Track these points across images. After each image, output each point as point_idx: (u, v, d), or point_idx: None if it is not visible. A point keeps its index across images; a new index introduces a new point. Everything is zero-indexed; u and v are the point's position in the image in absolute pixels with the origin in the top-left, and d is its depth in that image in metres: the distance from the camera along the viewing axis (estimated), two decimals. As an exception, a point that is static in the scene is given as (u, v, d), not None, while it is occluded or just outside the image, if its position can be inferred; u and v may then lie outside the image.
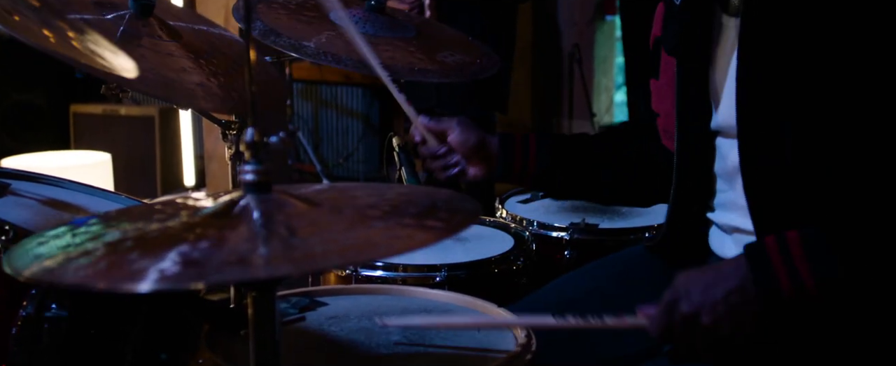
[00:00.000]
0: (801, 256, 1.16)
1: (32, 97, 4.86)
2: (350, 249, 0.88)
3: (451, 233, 0.91)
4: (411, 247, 0.90)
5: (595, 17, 5.30)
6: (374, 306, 1.48)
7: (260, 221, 0.89)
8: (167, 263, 0.79)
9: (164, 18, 1.64)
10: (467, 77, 1.71)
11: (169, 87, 1.45)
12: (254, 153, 0.94)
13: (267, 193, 0.94)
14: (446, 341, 1.33)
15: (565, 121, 5.12)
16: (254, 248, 0.84)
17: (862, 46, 1.17)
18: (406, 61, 1.64)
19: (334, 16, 1.54)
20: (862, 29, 1.17)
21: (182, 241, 0.85)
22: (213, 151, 4.02)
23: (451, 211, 0.98)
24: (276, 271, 0.81)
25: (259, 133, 0.94)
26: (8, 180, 1.63)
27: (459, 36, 1.96)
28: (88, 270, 0.78)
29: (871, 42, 1.17)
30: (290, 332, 1.37)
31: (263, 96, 1.63)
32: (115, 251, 0.82)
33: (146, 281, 0.76)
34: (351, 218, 0.94)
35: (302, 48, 1.58)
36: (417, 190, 1.12)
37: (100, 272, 0.78)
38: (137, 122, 4.67)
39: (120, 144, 4.50)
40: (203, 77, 1.52)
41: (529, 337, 1.31)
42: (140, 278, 0.76)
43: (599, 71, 5.38)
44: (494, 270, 1.81)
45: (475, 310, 1.46)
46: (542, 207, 2.20)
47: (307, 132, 5.59)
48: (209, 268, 0.80)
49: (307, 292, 1.52)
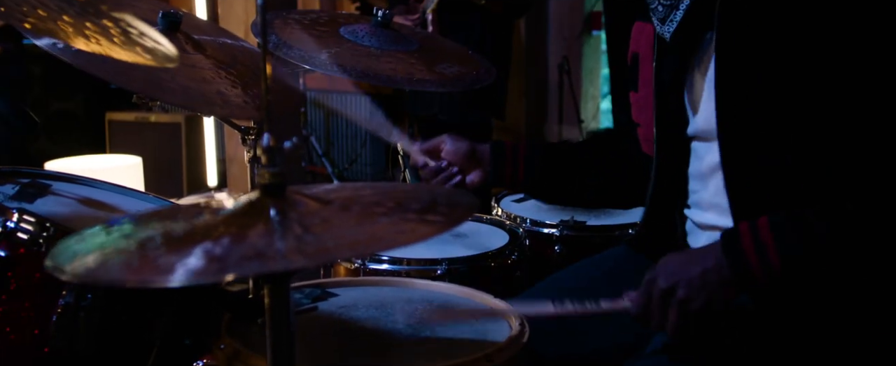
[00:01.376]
0: (769, 237, 1.16)
1: (71, 106, 4.87)
2: (358, 243, 0.87)
3: (450, 226, 0.91)
4: (414, 240, 0.89)
5: (583, 32, 5.30)
6: (380, 296, 1.48)
7: (276, 219, 0.88)
8: (192, 259, 0.78)
9: (190, 33, 1.64)
10: (463, 87, 1.71)
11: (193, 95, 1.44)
12: (270, 157, 0.94)
13: (282, 194, 0.94)
14: (446, 330, 1.33)
15: (555, 127, 5.12)
16: (271, 243, 0.83)
17: (833, 52, 1.16)
18: (406, 72, 1.63)
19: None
20: (832, 36, 1.16)
21: (205, 238, 0.84)
22: (234, 154, 4.02)
23: (451, 206, 0.98)
24: (291, 264, 0.80)
25: (274, 139, 0.94)
26: (49, 182, 1.63)
27: (459, 49, 1.96)
28: (122, 268, 0.78)
29: (840, 48, 1.15)
30: (303, 320, 1.36)
31: (279, 104, 1.62)
32: (145, 249, 0.82)
33: (174, 276, 0.75)
34: (358, 214, 0.94)
35: (311, 59, 1.57)
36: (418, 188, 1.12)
37: (132, 269, 0.78)
38: (166, 128, 4.67)
39: (150, 148, 4.50)
40: (225, 86, 1.51)
41: (523, 326, 1.31)
42: (168, 273, 0.76)
43: (587, 81, 5.37)
44: (491, 263, 1.80)
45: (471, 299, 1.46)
46: (535, 205, 2.20)
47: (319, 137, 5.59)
48: (230, 262, 0.79)
49: (319, 283, 1.51)
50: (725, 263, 1.18)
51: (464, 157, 1.57)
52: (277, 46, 1.63)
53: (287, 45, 1.60)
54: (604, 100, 5.46)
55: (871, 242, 1.16)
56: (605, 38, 4.95)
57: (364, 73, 1.57)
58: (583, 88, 5.30)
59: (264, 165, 0.94)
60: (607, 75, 5.24)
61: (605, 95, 5.45)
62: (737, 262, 1.17)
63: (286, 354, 0.95)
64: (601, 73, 5.47)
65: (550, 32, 5.37)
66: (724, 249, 1.19)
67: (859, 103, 1.16)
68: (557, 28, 5.34)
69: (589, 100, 5.41)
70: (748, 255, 1.17)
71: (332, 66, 1.55)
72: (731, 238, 1.19)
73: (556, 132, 5.09)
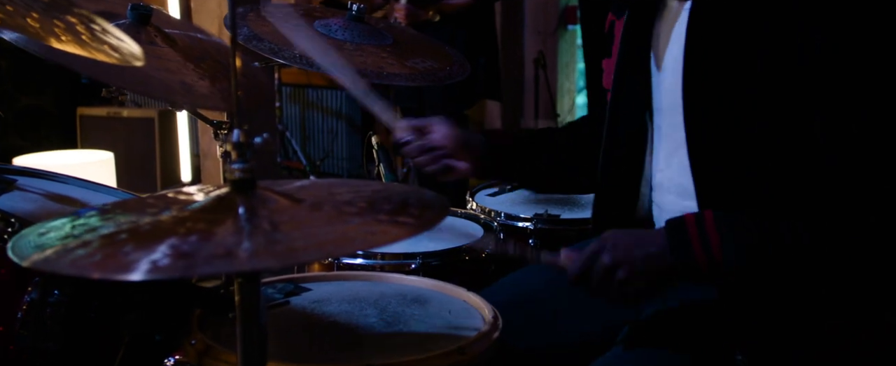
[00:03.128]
0: (713, 231, 1.18)
1: (41, 101, 4.81)
2: (328, 243, 0.87)
3: (421, 229, 0.91)
4: (385, 242, 0.89)
5: (558, 27, 5.32)
6: (354, 291, 1.48)
7: (245, 217, 0.88)
8: (158, 254, 0.78)
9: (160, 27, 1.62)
10: (436, 82, 1.71)
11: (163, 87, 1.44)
12: (240, 153, 0.93)
13: (252, 190, 0.93)
14: (419, 324, 1.33)
15: (531, 121, 5.14)
16: (239, 242, 0.83)
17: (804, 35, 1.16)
18: (376, 66, 1.63)
19: (300, 43, 1.51)
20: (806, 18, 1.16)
21: (173, 234, 0.83)
22: (207, 149, 3.99)
23: (422, 207, 0.98)
24: (260, 264, 0.80)
25: (245, 134, 0.93)
26: (14, 176, 1.61)
27: (436, 45, 1.96)
28: (85, 261, 0.76)
29: (812, 31, 1.16)
30: (276, 315, 1.36)
31: (251, 98, 1.61)
32: (111, 243, 0.81)
33: (138, 271, 0.74)
34: (329, 214, 0.93)
35: (280, 52, 1.57)
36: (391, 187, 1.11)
37: (96, 263, 0.77)
38: (138, 123, 4.63)
39: (122, 143, 4.46)
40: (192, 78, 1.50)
41: (495, 320, 1.31)
42: (133, 268, 0.75)
43: (562, 75, 5.40)
44: (465, 257, 1.81)
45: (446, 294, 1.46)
46: (509, 199, 2.21)
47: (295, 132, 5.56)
48: (198, 260, 0.79)
49: (292, 278, 1.51)
50: (669, 251, 1.20)
51: (454, 142, 1.50)
52: (249, 40, 1.62)
53: (258, 39, 1.59)
54: (579, 94, 5.49)
55: (813, 244, 1.17)
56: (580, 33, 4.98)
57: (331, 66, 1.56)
58: (558, 83, 5.32)
59: (234, 160, 0.93)
60: (583, 70, 5.27)
61: (580, 89, 5.47)
62: (681, 251, 1.19)
63: (257, 349, 0.95)
64: (577, 67, 5.50)
65: (526, 28, 5.39)
66: (668, 237, 1.21)
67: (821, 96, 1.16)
68: (533, 23, 5.36)
69: (565, 94, 5.43)
70: (693, 245, 1.19)
71: (301, 59, 1.54)
72: (676, 227, 1.21)
73: (532, 126, 5.11)
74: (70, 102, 4.77)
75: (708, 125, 1.25)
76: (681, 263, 1.20)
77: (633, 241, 1.23)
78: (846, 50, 1.14)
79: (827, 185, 1.17)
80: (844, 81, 1.15)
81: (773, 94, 1.19)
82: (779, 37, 1.18)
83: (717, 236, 1.18)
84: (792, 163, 1.20)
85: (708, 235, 1.19)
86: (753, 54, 1.20)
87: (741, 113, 1.22)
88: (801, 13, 1.16)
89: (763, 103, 1.20)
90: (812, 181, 1.19)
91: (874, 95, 1.15)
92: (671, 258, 1.20)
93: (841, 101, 1.15)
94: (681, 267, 1.20)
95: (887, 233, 1.16)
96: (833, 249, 1.17)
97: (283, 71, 5.07)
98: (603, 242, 1.24)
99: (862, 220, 1.16)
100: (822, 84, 1.16)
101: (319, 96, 5.53)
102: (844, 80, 1.15)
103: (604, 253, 1.22)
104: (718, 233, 1.19)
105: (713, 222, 1.20)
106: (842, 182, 1.16)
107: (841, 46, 1.14)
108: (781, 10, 1.18)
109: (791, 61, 1.17)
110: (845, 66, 1.14)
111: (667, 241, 1.21)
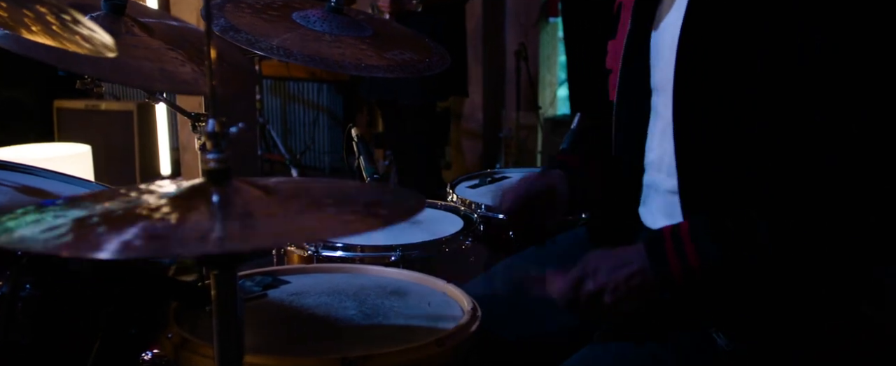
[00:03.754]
0: (689, 243, 1.19)
1: (17, 93, 4.75)
2: (303, 230, 0.86)
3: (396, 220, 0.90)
4: (361, 229, 0.89)
5: (539, 19, 5.32)
6: (333, 283, 1.47)
7: (219, 204, 0.87)
8: (130, 235, 0.77)
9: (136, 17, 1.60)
10: (415, 73, 1.70)
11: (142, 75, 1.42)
12: (215, 143, 0.92)
13: (227, 181, 0.92)
14: (398, 316, 1.33)
15: (513, 113, 5.13)
16: (212, 226, 0.82)
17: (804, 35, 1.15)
18: (355, 57, 1.62)
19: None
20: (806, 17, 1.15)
21: (146, 219, 0.82)
22: (187, 142, 3.96)
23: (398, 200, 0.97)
24: (233, 247, 0.79)
25: (219, 124, 0.92)
26: (-13, 170, 1.58)
27: (416, 36, 1.95)
28: (55, 241, 0.75)
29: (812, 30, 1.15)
30: (254, 307, 1.35)
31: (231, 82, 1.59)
32: (82, 226, 0.80)
33: (108, 250, 0.73)
34: (304, 204, 0.92)
35: (257, 43, 1.55)
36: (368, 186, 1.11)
37: (65, 243, 0.75)
38: (117, 116, 4.58)
39: (101, 136, 4.41)
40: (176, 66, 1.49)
41: (475, 311, 1.31)
42: (103, 247, 0.74)
43: (544, 68, 5.40)
44: (445, 249, 1.80)
45: (426, 286, 1.46)
46: (489, 191, 2.20)
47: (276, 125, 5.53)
48: (170, 242, 0.78)
49: (270, 271, 1.50)
50: (649, 267, 1.21)
51: (523, 208, 1.49)
52: (225, 30, 1.60)
53: (235, 29, 1.57)
54: (561, 86, 5.50)
55: (788, 254, 1.17)
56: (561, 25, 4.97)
57: (310, 58, 1.54)
58: (540, 75, 5.32)
59: (208, 150, 0.92)
60: (564, 62, 5.27)
61: (562, 81, 5.48)
62: (659, 266, 1.20)
63: (234, 341, 0.94)
64: (558, 59, 5.50)
65: (507, 19, 5.38)
66: (648, 253, 1.22)
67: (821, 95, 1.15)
68: (514, 15, 5.35)
69: (546, 86, 5.43)
70: (670, 259, 1.20)
71: (279, 50, 1.52)
72: (655, 242, 1.22)
73: (513, 119, 5.11)
74: (47, 95, 4.71)
75: (694, 106, 1.25)
76: (661, 278, 1.20)
77: (614, 262, 1.23)
78: (846, 49, 1.13)
79: (820, 182, 1.16)
80: (844, 81, 1.14)
81: (765, 86, 1.18)
82: (777, 32, 1.16)
83: (692, 246, 1.19)
84: (779, 157, 1.19)
85: (684, 246, 1.19)
86: (748, 42, 1.19)
87: (730, 98, 1.21)
88: (800, 11, 1.15)
89: (753, 93, 1.19)
90: (801, 177, 1.18)
91: (874, 95, 1.14)
92: (651, 274, 1.21)
93: (841, 100, 1.14)
94: (660, 281, 1.21)
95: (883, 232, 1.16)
96: (822, 248, 1.17)
97: (263, 63, 5.04)
98: (585, 267, 1.25)
99: (861, 219, 1.15)
100: (821, 83, 1.15)
101: (300, 89, 5.51)
102: (844, 80, 1.14)
103: (588, 280, 1.23)
104: (694, 243, 1.19)
105: (688, 232, 1.20)
106: (841, 182, 1.15)
107: (841, 46, 1.13)
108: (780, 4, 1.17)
109: (789, 56, 1.16)
110: (845, 65, 1.13)
111: (646, 256, 1.22)
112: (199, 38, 1.68)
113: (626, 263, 1.22)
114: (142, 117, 4.53)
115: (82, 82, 1.66)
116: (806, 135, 1.16)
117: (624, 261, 1.23)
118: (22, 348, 1.19)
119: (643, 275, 1.21)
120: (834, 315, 1.26)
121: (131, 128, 4.53)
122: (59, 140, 4.50)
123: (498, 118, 5.32)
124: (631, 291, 1.21)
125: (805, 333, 1.25)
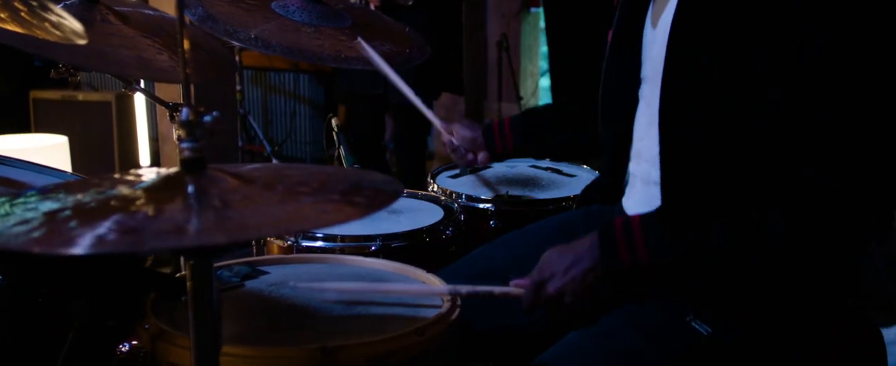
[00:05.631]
0: (639, 236, 1.20)
1: (-9, 84, 4.69)
2: (281, 221, 0.85)
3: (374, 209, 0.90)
4: (340, 220, 0.88)
5: (521, 9, 5.31)
6: (312, 273, 1.46)
7: (194, 194, 0.86)
8: (104, 230, 0.76)
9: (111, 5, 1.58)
10: (393, 65, 1.69)
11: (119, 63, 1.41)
12: (189, 131, 0.91)
13: (202, 170, 0.91)
14: (378, 307, 1.32)
15: (495, 104, 5.13)
16: (188, 218, 0.81)
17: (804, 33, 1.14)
18: (334, 49, 1.61)
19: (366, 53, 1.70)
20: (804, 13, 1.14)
21: (120, 211, 0.81)
22: (166, 133, 3.92)
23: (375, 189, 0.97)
24: (210, 240, 0.78)
25: (194, 112, 0.91)
26: (-45, 159, 1.56)
27: (397, 27, 1.93)
28: (25, 237, 0.74)
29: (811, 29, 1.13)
30: (231, 298, 1.34)
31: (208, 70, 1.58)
32: (53, 220, 0.78)
33: (81, 246, 0.72)
34: (282, 193, 0.92)
35: (235, 34, 1.53)
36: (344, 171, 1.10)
37: (37, 239, 0.74)
38: (95, 106, 4.53)
39: (78, 127, 4.36)
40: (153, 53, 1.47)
41: (454, 301, 1.31)
42: (76, 243, 0.73)
43: (526, 58, 5.40)
44: (426, 239, 1.80)
45: (405, 276, 1.46)
46: (470, 181, 2.20)
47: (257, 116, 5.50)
48: (146, 235, 0.77)
49: (248, 261, 1.49)
50: (599, 263, 1.23)
51: (470, 143, 1.83)
52: (203, 20, 1.58)
53: (213, 19, 1.56)
54: (543, 77, 5.50)
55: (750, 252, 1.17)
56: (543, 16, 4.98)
57: (288, 49, 1.53)
58: (521, 66, 5.32)
59: (183, 139, 0.91)
60: (546, 52, 5.27)
61: (543, 72, 5.48)
62: (610, 260, 1.22)
63: (210, 332, 0.93)
64: (540, 50, 5.50)
65: (489, 10, 5.37)
66: (600, 247, 1.23)
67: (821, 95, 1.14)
68: (496, 6, 5.35)
69: (528, 77, 5.44)
70: (621, 252, 1.21)
71: (257, 41, 1.51)
72: (606, 235, 1.23)
73: (495, 109, 5.11)
74: (23, 86, 4.65)
75: (682, 98, 1.25)
76: (613, 272, 1.22)
77: (569, 261, 1.25)
78: (846, 49, 1.12)
79: (820, 182, 1.14)
80: (844, 81, 1.13)
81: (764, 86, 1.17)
82: (777, 32, 1.15)
83: (642, 240, 1.20)
84: (775, 155, 1.18)
85: (634, 240, 1.20)
86: (742, 39, 1.18)
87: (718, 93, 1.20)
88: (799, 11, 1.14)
89: (752, 92, 1.18)
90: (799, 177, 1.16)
91: (874, 95, 1.13)
92: (602, 267, 1.23)
93: (841, 100, 1.13)
94: (612, 273, 1.23)
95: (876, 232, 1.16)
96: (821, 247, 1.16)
97: (244, 53, 5.00)
98: (541, 271, 1.27)
99: (861, 219, 1.14)
100: (821, 83, 1.13)
101: (281, 79, 5.47)
102: (844, 80, 1.13)
103: (548, 283, 1.26)
104: (644, 237, 1.20)
105: (639, 226, 1.21)
106: (841, 182, 1.14)
107: (841, 46, 1.12)
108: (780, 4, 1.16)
109: (789, 56, 1.14)
110: (845, 65, 1.12)
111: (598, 250, 1.23)
112: (176, 26, 1.67)
113: (579, 261, 1.24)
114: (120, 108, 4.48)
115: (57, 71, 1.64)
116: (805, 135, 1.15)
117: (577, 258, 1.25)
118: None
119: (596, 271, 1.23)
120: (820, 309, 1.27)
121: (110, 119, 4.48)
122: (35, 131, 4.45)
123: (480, 109, 5.32)
124: (588, 288, 1.24)
125: (788, 325, 1.25)
